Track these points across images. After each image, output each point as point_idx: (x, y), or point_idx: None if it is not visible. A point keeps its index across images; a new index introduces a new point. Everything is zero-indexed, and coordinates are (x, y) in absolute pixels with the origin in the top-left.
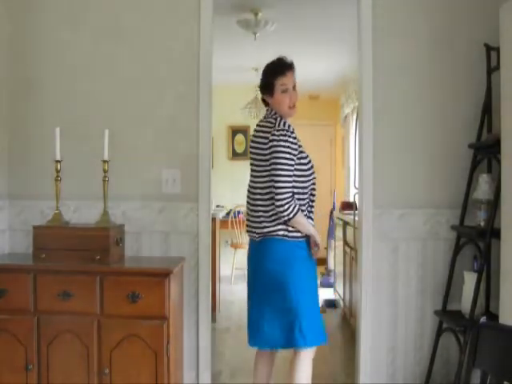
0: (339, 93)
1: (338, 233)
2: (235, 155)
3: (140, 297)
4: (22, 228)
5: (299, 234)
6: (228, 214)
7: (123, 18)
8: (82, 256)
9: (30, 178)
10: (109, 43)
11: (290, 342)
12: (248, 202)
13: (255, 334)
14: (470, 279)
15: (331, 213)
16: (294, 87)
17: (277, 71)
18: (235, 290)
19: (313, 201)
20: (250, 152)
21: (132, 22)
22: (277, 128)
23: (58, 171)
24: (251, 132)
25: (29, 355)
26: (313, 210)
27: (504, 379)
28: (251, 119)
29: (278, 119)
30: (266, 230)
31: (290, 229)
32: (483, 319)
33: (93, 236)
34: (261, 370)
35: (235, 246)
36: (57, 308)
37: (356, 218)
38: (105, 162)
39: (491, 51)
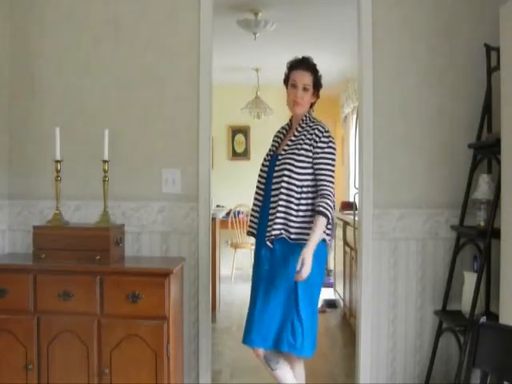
0: (339, 92)
1: (338, 233)
2: (235, 155)
3: (140, 297)
4: (22, 228)
5: None
6: (228, 214)
7: (123, 17)
8: (82, 256)
9: (30, 178)
10: (109, 43)
11: None
12: None
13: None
14: (469, 279)
15: None
16: (306, 89)
17: (292, 65)
18: (235, 290)
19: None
20: None
21: (132, 21)
22: None
23: (57, 171)
24: (251, 132)
25: (29, 355)
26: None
27: (504, 379)
28: (251, 119)
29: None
30: None
31: None
32: (483, 319)
33: (93, 236)
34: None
35: (235, 246)
36: (57, 308)
37: (356, 218)
38: (105, 162)
39: (491, 51)
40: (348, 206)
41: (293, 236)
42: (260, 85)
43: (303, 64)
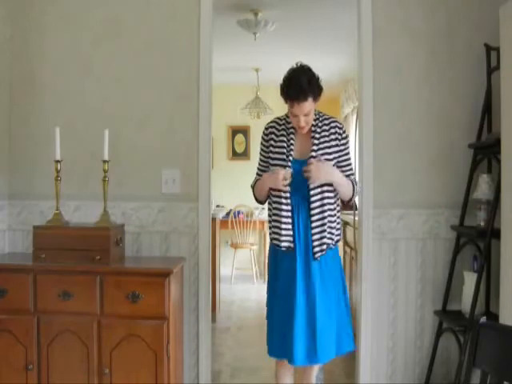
0: (339, 92)
1: None
2: (235, 155)
3: (140, 297)
4: (21, 228)
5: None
6: (228, 214)
7: (123, 18)
8: (82, 256)
9: (30, 177)
10: (109, 43)
11: None
12: None
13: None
14: (470, 279)
15: None
16: (308, 114)
17: (287, 97)
18: (235, 290)
19: None
20: None
21: (132, 22)
22: None
23: (57, 171)
24: (251, 132)
25: (29, 355)
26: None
27: (504, 379)
28: (251, 119)
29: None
30: None
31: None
32: (483, 319)
33: (93, 236)
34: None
35: (235, 246)
36: (57, 308)
37: (356, 218)
38: (105, 162)
39: (491, 51)
40: (348, 206)
41: (334, 241)
42: (260, 85)
43: (300, 95)
